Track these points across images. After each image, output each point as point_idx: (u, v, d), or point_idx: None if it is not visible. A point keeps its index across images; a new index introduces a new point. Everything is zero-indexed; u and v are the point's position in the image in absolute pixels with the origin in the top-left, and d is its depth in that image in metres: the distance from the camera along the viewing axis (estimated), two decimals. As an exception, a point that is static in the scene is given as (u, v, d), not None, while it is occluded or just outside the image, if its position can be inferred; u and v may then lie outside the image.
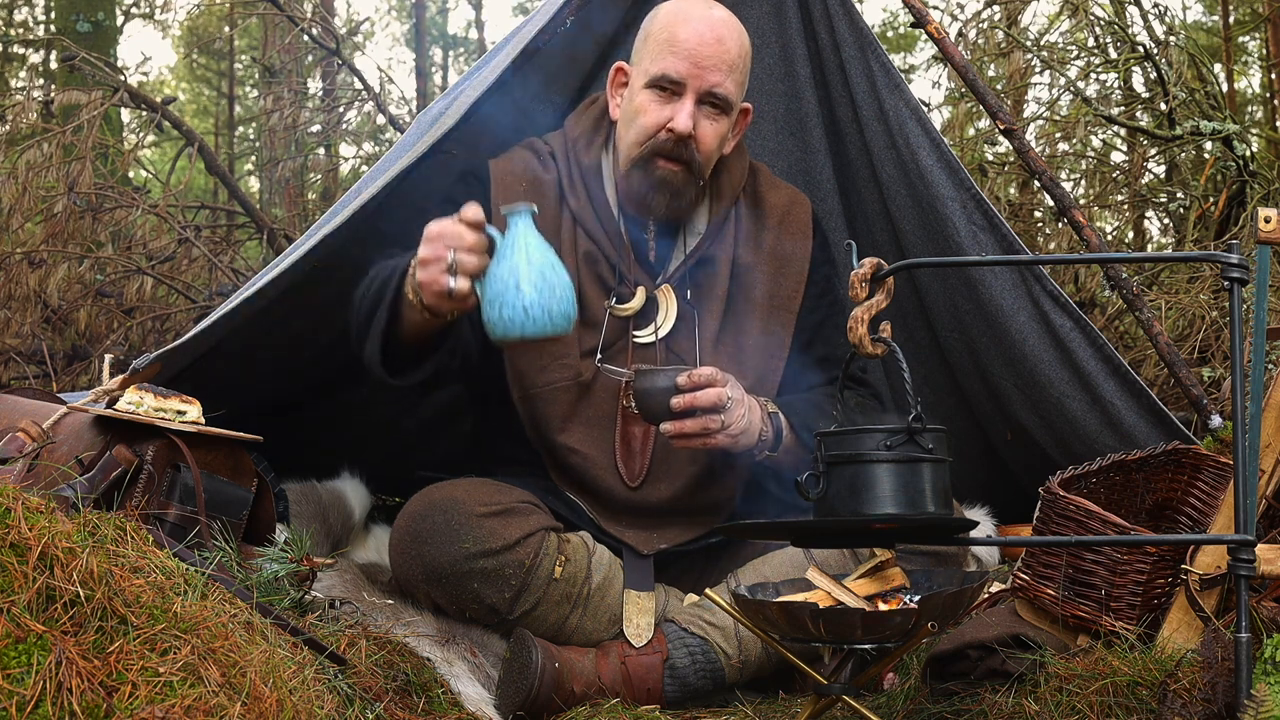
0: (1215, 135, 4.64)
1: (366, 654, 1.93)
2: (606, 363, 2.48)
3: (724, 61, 2.43)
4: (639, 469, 2.48)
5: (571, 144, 2.59)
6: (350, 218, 2.40)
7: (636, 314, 2.52)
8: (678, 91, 2.43)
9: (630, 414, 2.47)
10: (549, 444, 2.49)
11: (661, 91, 2.44)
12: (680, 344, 2.52)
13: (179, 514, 2.01)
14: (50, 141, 4.61)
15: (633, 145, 2.47)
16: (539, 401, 2.48)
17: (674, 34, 2.43)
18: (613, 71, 2.58)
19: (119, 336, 4.60)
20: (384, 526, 2.77)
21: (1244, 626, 1.64)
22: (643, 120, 2.45)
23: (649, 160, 2.45)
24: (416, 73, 12.24)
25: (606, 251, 2.52)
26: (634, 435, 2.49)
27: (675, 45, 2.42)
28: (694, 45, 2.42)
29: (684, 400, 2.30)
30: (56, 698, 1.31)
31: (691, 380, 2.30)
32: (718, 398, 2.30)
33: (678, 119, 2.42)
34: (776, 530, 2.22)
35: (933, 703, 2.02)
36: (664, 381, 2.32)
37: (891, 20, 11.22)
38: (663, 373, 2.33)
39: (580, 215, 2.53)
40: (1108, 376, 2.71)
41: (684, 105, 2.43)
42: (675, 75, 2.42)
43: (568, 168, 2.56)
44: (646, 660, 2.31)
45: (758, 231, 2.61)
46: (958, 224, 2.73)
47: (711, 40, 2.43)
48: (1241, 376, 1.72)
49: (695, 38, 2.42)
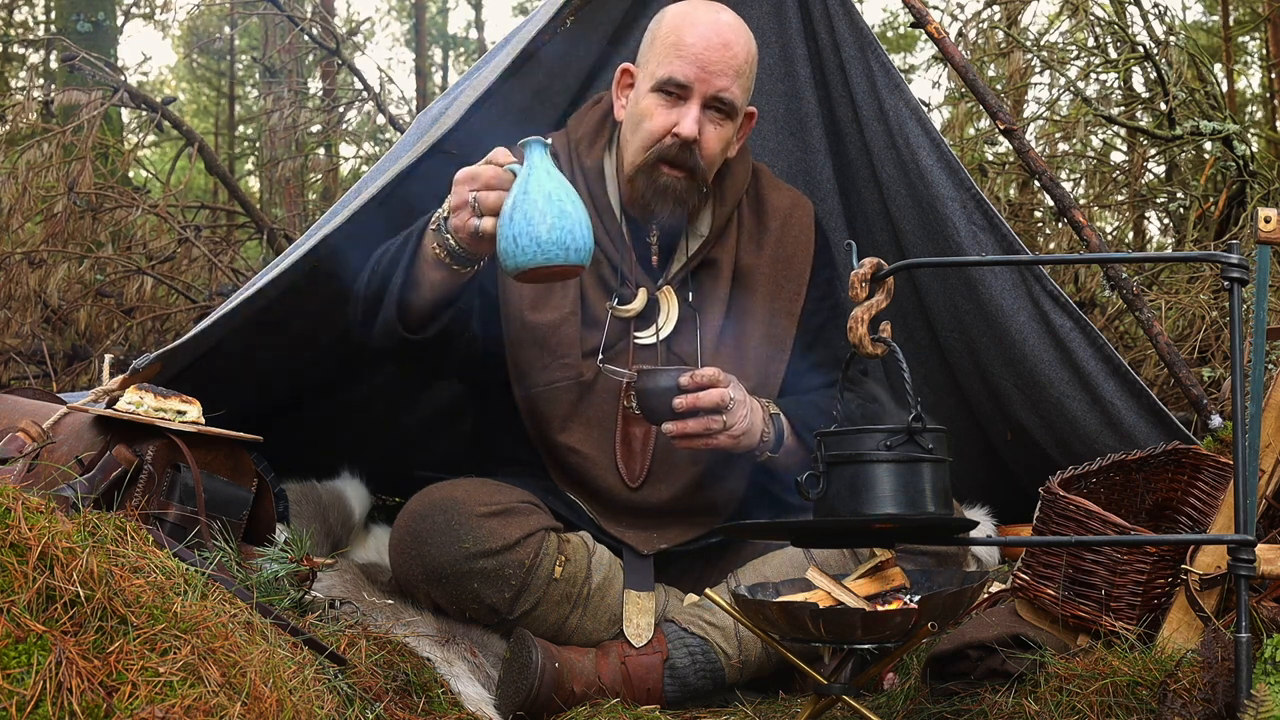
0: (1215, 135, 4.64)
1: (366, 654, 1.93)
2: (607, 363, 2.47)
3: (731, 66, 2.42)
4: (639, 470, 2.48)
5: (574, 144, 2.58)
6: (350, 218, 2.40)
7: (638, 315, 2.52)
8: (684, 96, 2.42)
9: (631, 415, 2.47)
10: (549, 444, 2.49)
11: (668, 96, 2.43)
12: (682, 346, 2.52)
13: (179, 514, 2.01)
14: (50, 141, 4.61)
15: (638, 150, 2.47)
16: (540, 401, 2.48)
17: (681, 38, 2.42)
18: (618, 73, 2.57)
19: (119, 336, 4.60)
20: (384, 526, 2.77)
21: (1244, 626, 1.64)
22: (648, 124, 2.44)
23: (654, 167, 2.45)
24: (416, 73, 12.25)
25: (609, 252, 2.52)
26: (635, 436, 2.49)
27: (682, 49, 2.41)
28: (701, 49, 2.40)
29: (687, 400, 2.30)
30: (56, 698, 1.31)
31: (694, 380, 2.31)
32: (720, 398, 2.30)
33: (683, 123, 2.41)
34: (776, 530, 2.22)
35: (933, 703, 2.02)
36: (666, 381, 2.32)
37: (891, 20, 11.22)
38: (665, 373, 2.33)
39: None
40: (1108, 376, 2.71)
41: (690, 110, 2.42)
42: (682, 79, 2.41)
43: (570, 168, 2.55)
44: (646, 660, 2.31)
45: (760, 234, 2.61)
46: (958, 224, 2.73)
47: (719, 44, 2.41)
48: (1241, 376, 1.72)
49: (702, 42, 2.41)
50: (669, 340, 2.52)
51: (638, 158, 2.47)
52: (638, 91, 2.49)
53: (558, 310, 2.47)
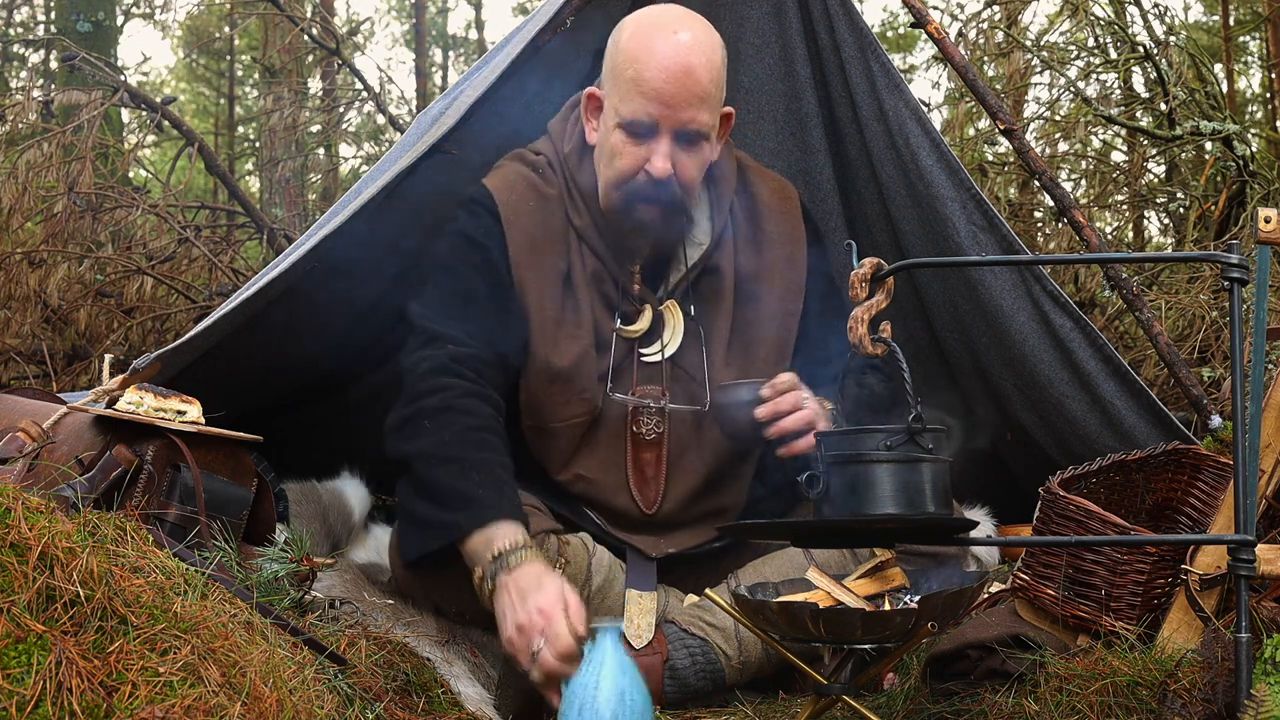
0: (1215, 135, 4.64)
1: (366, 654, 1.93)
2: (613, 384, 2.44)
3: (694, 95, 2.32)
4: (655, 495, 2.47)
5: (565, 158, 2.51)
6: (350, 217, 2.39)
7: (642, 334, 2.48)
8: (651, 132, 2.34)
9: (641, 440, 2.46)
10: (556, 471, 2.48)
11: (634, 134, 2.35)
12: (687, 360, 2.49)
13: (179, 514, 2.01)
14: (50, 141, 4.60)
15: (610, 187, 2.39)
16: (552, 436, 2.46)
17: (640, 73, 2.32)
18: (584, 97, 2.48)
19: (119, 336, 4.60)
20: (384, 526, 2.77)
21: (1244, 626, 1.64)
22: (619, 164, 2.36)
23: (629, 204, 2.38)
24: (416, 73, 12.24)
25: (611, 269, 2.47)
26: (646, 462, 2.47)
27: (643, 86, 2.31)
28: (661, 83, 2.30)
29: (769, 409, 2.33)
30: (56, 698, 1.31)
31: (775, 389, 2.35)
32: (797, 400, 2.33)
33: (654, 161, 2.33)
34: (776, 530, 2.22)
35: (933, 703, 2.02)
36: (748, 395, 2.38)
37: (891, 20, 11.20)
38: (744, 386, 2.40)
39: (584, 233, 2.47)
40: (1108, 376, 2.71)
41: (660, 146, 2.33)
42: (646, 119, 2.32)
43: (564, 182, 2.49)
44: (647, 661, 2.31)
45: (755, 233, 2.58)
46: (958, 224, 2.73)
47: (679, 74, 2.30)
48: (1241, 376, 1.72)
49: (662, 75, 2.30)
50: (675, 356, 2.48)
51: (611, 196, 2.40)
52: (606, 123, 2.40)
53: (576, 344, 2.43)
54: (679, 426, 2.48)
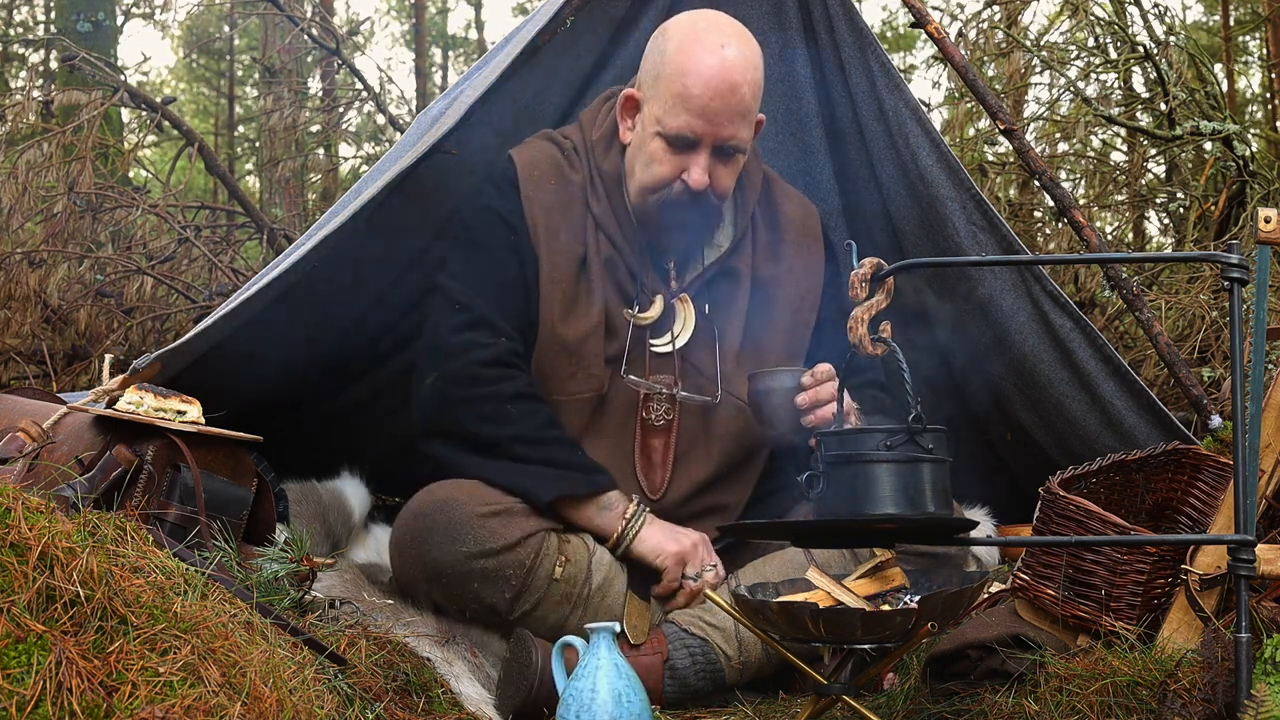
0: (1215, 135, 4.64)
1: (366, 654, 1.93)
2: (627, 367, 2.46)
3: (738, 111, 2.37)
4: (661, 481, 2.50)
5: (592, 146, 2.55)
6: (351, 217, 2.39)
7: (653, 323, 2.51)
8: (693, 146, 2.39)
9: (650, 426, 2.48)
10: None
11: (674, 145, 2.39)
12: (698, 355, 2.52)
13: (179, 514, 2.01)
14: (50, 141, 4.60)
15: (645, 191, 2.45)
16: (559, 410, 2.47)
17: (687, 88, 2.35)
18: (621, 98, 2.51)
19: (119, 336, 4.59)
20: (384, 526, 2.77)
21: (1244, 626, 1.64)
22: (657, 170, 2.41)
23: (663, 211, 2.44)
24: (416, 73, 12.24)
25: (627, 258, 2.51)
26: (654, 448, 2.50)
27: (689, 102, 2.35)
28: (708, 100, 2.34)
29: (809, 396, 2.35)
30: (56, 698, 1.31)
31: (816, 378, 2.36)
32: (834, 392, 2.34)
33: (693, 173, 2.38)
34: (776, 530, 2.22)
35: (933, 703, 2.02)
36: (789, 381, 2.38)
37: (891, 20, 11.21)
38: (785, 373, 2.40)
39: (603, 220, 2.50)
40: (1108, 376, 2.71)
41: (699, 159, 2.38)
42: (690, 134, 2.37)
43: (589, 169, 2.53)
44: (646, 661, 2.31)
45: (776, 245, 2.61)
46: (958, 224, 2.73)
47: (725, 90, 2.35)
48: (1241, 376, 1.72)
49: (709, 92, 2.34)
50: (685, 350, 2.51)
51: (645, 198, 2.45)
52: (645, 128, 2.44)
53: (586, 320, 2.46)
54: (689, 418, 2.50)
